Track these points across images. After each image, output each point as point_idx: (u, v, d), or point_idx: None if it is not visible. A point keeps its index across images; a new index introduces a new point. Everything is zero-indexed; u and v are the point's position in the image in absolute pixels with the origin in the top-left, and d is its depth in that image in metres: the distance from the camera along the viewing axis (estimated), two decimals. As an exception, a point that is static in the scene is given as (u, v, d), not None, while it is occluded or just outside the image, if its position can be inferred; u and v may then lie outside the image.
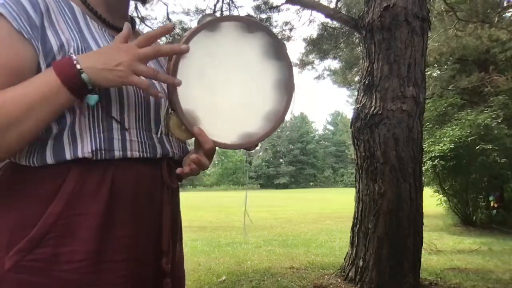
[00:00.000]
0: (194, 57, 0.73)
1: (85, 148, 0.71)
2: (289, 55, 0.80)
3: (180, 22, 7.36)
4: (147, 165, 0.78)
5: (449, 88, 8.94)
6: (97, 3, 0.84)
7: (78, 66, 0.65)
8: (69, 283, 0.68)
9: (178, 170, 0.79)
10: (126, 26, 0.73)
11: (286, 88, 0.79)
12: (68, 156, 0.70)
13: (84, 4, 0.82)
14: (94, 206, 0.71)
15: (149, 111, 0.80)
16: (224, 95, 0.77)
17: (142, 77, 0.70)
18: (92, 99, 0.69)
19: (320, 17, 11.16)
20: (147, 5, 1.00)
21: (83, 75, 0.66)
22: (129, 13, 0.95)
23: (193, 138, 0.78)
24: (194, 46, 0.72)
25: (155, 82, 0.86)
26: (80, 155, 0.70)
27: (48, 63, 0.71)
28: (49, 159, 0.70)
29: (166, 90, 0.75)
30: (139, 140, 0.77)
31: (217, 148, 0.79)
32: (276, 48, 0.78)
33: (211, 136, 0.75)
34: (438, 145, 7.13)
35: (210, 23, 0.73)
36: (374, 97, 3.47)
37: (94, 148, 0.71)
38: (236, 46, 0.76)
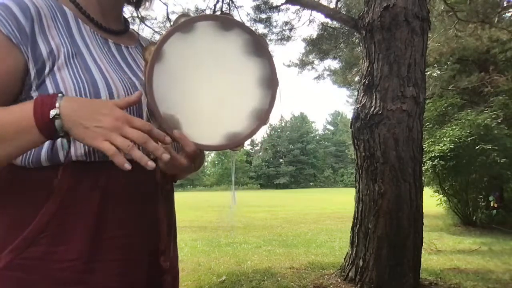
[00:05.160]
0: (170, 61, 0.71)
1: (78, 151, 0.72)
2: (269, 50, 0.77)
3: (180, 22, 7.34)
4: (140, 165, 0.77)
5: (449, 88, 8.94)
6: (90, 6, 0.84)
7: (54, 112, 0.63)
8: (62, 281, 0.69)
9: (149, 163, 0.70)
10: (137, 95, 0.70)
11: (270, 84, 0.77)
12: (62, 158, 0.71)
13: (77, 7, 0.82)
14: (88, 206, 0.72)
15: (141, 111, 0.80)
16: (204, 96, 0.75)
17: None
18: (64, 145, 0.70)
19: (320, 17, 11.17)
20: (141, 8, 0.98)
21: (57, 122, 0.64)
22: (130, 14, 0.94)
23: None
24: (169, 49, 0.70)
25: (137, 84, 0.84)
26: (74, 157, 0.71)
27: (38, 68, 0.71)
28: (44, 161, 0.71)
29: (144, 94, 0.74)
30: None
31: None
32: (256, 44, 0.75)
33: (193, 139, 0.73)
34: (438, 145, 7.13)
35: (183, 24, 0.71)
36: (374, 97, 3.48)
37: (87, 151, 0.72)
38: (214, 45, 0.74)
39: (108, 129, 0.64)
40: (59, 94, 0.66)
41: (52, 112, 0.63)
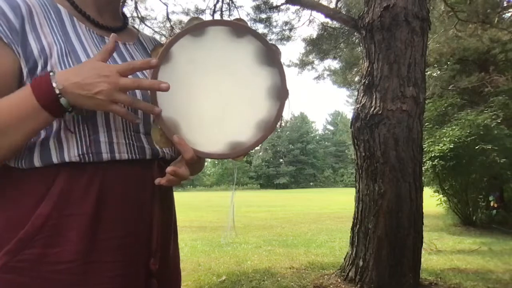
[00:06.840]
0: (177, 63, 0.70)
1: (71, 152, 0.71)
2: (281, 60, 0.75)
3: (180, 22, 7.35)
4: (137, 166, 0.77)
5: (449, 88, 8.94)
6: (86, 4, 0.82)
7: (57, 91, 0.65)
8: (58, 284, 0.68)
9: (156, 181, 0.76)
10: (112, 38, 0.70)
11: (279, 95, 0.74)
12: (55, 160, 0.70)
13: (72, 5, 0.81)
14: (83, 207, 0.71)
15: (136, 111, 0.79)
16: (209, 102, 0.73)
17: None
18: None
19: (320, 17, 11.18)
20: (138, 2, 0.96)
21: (62, 100, 0.65)
22: (130, 14, 0.94)
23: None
24: (177, 52, 0.69)
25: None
26: (67, 159, 0.70)
27: (30, 67, 0.70)
28: (37, 162, 0.71)
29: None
30: (127, 142, 0.76)
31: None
32: (268, 53, 0.73)
33: (193, 145, 0.71)
34: (438, 145, 7.13)
35: (195, 27, 0.70)
36: (374, 97, 3.48)
37: (81, 152, 0.71)
38: (224, 52, 0.72)
39: (109, 91, 0.65)
40: (51, 73, 0.66)
41: (57, 91, 0.65)
